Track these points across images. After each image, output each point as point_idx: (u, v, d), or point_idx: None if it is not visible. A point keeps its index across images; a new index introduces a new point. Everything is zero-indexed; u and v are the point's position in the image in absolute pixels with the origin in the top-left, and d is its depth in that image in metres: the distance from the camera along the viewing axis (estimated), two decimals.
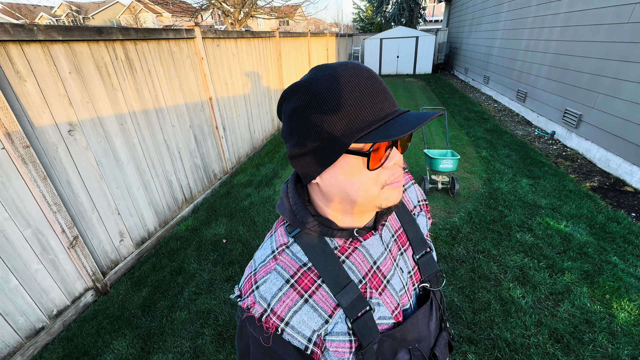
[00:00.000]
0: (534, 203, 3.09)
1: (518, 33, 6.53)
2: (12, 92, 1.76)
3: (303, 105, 0.43)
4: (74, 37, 2.03)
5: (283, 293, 0.47)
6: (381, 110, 0.42)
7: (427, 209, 0.72)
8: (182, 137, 3.21)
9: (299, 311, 0.47)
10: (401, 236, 0.61)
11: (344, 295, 0.48)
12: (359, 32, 23.64)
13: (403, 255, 0.60)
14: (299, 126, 0.45)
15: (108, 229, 2.39)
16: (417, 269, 0.61)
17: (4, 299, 1.76)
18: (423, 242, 0.63)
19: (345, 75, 0.42)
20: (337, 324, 0.48)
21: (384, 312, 0.52)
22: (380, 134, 0.40)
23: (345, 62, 0.44)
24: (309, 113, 0.43)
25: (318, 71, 0.44)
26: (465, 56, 10.93)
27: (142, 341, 1.96)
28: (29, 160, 1.80)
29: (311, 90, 0.43)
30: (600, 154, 3.87)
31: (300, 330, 0.47)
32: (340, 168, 0.45)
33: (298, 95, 0.44)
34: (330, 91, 0.41)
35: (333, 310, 0.48)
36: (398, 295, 0.55)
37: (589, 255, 2.35)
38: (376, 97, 0.42)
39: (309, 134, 0.44)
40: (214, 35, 3.60)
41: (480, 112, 6.64)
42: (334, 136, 0.42)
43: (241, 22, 10.16)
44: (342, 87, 0.41)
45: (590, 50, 4.15)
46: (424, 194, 0.74)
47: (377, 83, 0.43)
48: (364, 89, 0.41)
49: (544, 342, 1.76)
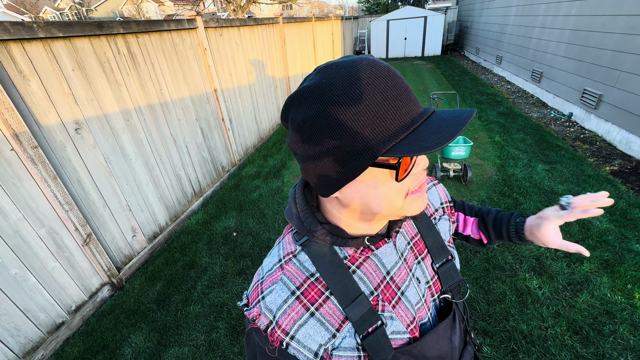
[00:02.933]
0: (550, 189, 2.99)
1: (533, 9, 6.19)
2: (17, 92, 1.75)
3: (316, 115, 0.38)
4: (75, 32, 2.00)
5: (288, 305, 0.45)
6: (406, 114, 0.37)
7: (451, 211, 0.67)
8: (189, 130, 3.18)
9: (304, 325, 0.44)
10: (418, 243, 0.57)
11: (354, 309, 0.46)
12: (364, 13, 22.90)
13: (420, 264, 0.56)
14: (312, 139, 0.39)
15: (120, 225, 2.42)
16: (437, 278, 0.58)
17: (24, 297, 1.81)
18: (444, 249, 0.59)
19: (362, 76, 0.36)
20: (345, 339, 0.45)
21: (397, 327, 0.48)
22: (412, 146, 0.35)
23: (358, 58, 0.39)
24: (324, 123, 0.38)
25: (328, 72, 0.38)
26: (477, 35, 10.49)
27: (158, 335, 2.01)
28: (38, 161, 1.80)
29: (324, 96, 0.37)
30: (621, 136, 3.70)
31: (306, 344, 0.44)
32: (362, 181, 0.41)
33: (308, 102, 0.39)
34: (347, 97, 0.36)
35: (341, 324, 0.46)
36: (414, 308, 0.52)
37: (609, 244, 2.27)
38: (399, 99, 0.37)
39: (326, 148, 0.39)
40: (217, 25, 3.51)
41: (492, 95, 6.41)
42: (356, 149, 0.37)
43: (244, 9, 9.93)
44: (360, 91, 0.36)
45: (612, 24, 3.90)
46: (448, 194, 0.69)
47: (399, 82, 0.38)
48: (386, 91, 0.36)
49: (562, 333, 1.72)
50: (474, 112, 0.37)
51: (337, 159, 0.39)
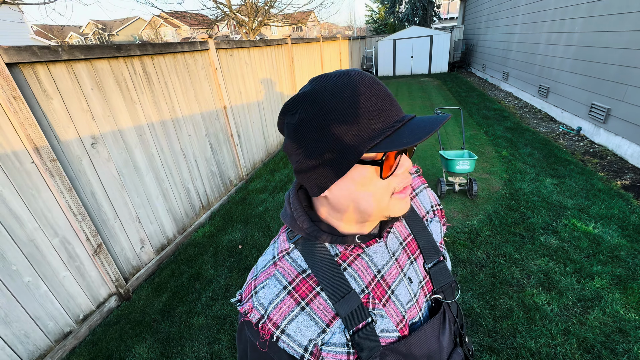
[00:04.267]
0: (559, 204, 2.94)
1: (538, 26, 6.28)
2: (40, 109, 1.88)
3: (310, 116, 0.42)
4: (95, 55, 2.15)
5: (280, 300, 0.47)
6: (389, 117, 0.42)
7: (441, 214, 0.69)
8: (198, 145, 3.30)
9: (295, 319, 0.46)
10: (411, 244, 0.59)
11: (343, 305, 0.47)
12: (372, 33, 23.53)
13: (413, 264, 0.57)
14: (305, 139, 0.44)
15: (129, 237, 2.49)
16: (429, 279, 0.59)
17: (35, 305, 1.86)
18: (435, 250, 0.61)
19: (351, 84, 0.41)
20: (335, 334, 0.47)
21: (387, 325, 0.50)
22: (394, 142, 0.39)
23: (347, 70, 0.44)
24: (317, 124, 0.42)
25: (320, 81, 0.44)
26: (483, 53, 10.62)
27: (161, 346, 2.02)
28: (56, 173, 1.91)
29: (317, 100, 0.42)
30: (632, 150, 3.63)
31: (296, 338, 0.46)
32: (351, 179, 0.44)
33: (302, 106, 0.43)
34: (338, 100, 0.41)
35: (331, 319, 0.47)
36: (405, 307, 0.53)
37: (621, 259, 2.20)
38: (383, 104, 0.42)
39: (318, 146, 0.43)
40: (227, 46, 3.70)
41: (499, 110, 6.42)
42: (345, 146, 0.41)
43: (255, 31, 10.39)
44: (350, 96, 0.41)
45: (617, 40, 3.92)
46: (437, 198, 0.71)
47: (382, 89, 0.43)
48: (371, 97, 0.41)
49: (572, 352, 1.66)
50: (449, 116, 0.42)
51: (327, 157, 0.43)
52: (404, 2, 17.21)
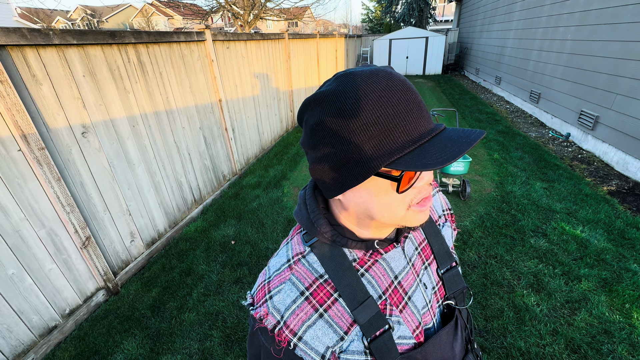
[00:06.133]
0: (548, 207, 3.01)
1: (532, 33, 6.39)
2: (29, 94, 1.80)
3: (328, 119, 0.40)
4: (88, 40, 2.07)
5: (297, 306, 0.45)
6: (415, 129, 0.38)
7: (452, 218, 0.68)
8: (192, 138, 3.23)
9: (312, 326, 0.45)
10: (425, 249, 0.58)
11: (362, 312, 0.46)
12: (368, 32, 23.55)
13: (427, 270, 0.56)
14: (322, 142, 0.41)
15: (119, 230, 2.42)
16: (442, 284, 0.58)
17: (19, 298, 1.80)
18: (448, 255, 0.60)
19: (376, 89, 0.38)
20: (353, 342, 0.46)
21: (404, 332, 0.49)
22: (415, 162, 0.36)
23: (377, 69, 0.40)
24: (334, 129, 0.39)
25: (345, 81, 0.40)
26: (477, 56, 10.76)
27: (151, 342, 1.98)
28: (44, 162, 1.83)
29: (337, 104, 0.39)
30: (618, 157, 3.75)
31: (313, 346, 0.45)
32: (365, 188, 0.42)
33: (322, 106, 0.41)
34: (359, 107, 0.37)
35: (349, 326, 0.46)
36: (420, 313, 0.52)
37: (607, 262, 2.27)
38: (410, 114, 0.38)
39: (334, 152, 0.40)
40: (224, 38, 3.63)
41: (491, 114, 6.52)
42: (362, 158, 0.38)
43: (251, 24, 10.23)
44: (373, 103, 0.37)
45: (607, 49, 4.02)
46: (448, 202, 0.70)
47: (412, 97, 0.39)
48: (397, 105, 0.37)
49: (559, 352, 1.70)
50: (483, 133, 0.37)
51: (344, 164, 0.40)
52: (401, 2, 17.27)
